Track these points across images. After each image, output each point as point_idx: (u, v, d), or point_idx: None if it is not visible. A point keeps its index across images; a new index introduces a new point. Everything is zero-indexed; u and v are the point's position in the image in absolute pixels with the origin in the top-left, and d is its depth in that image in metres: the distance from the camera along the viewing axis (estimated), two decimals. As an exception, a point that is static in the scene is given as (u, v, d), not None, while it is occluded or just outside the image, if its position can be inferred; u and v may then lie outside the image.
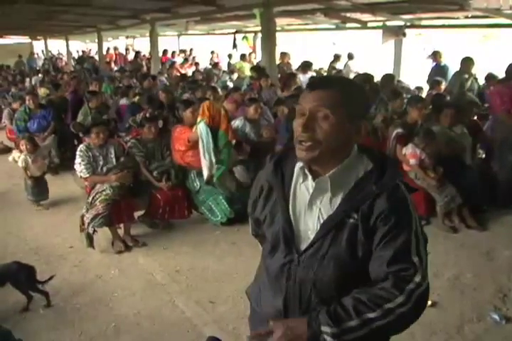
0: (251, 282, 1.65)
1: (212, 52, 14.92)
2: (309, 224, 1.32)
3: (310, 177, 1.32)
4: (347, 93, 1.25)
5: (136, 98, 6.72)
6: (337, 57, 10.55)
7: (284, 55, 10.61)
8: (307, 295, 1.32)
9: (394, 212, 1.24)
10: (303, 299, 1.32)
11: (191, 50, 16.09)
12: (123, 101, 7.10)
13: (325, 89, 1.24)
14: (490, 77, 6.84)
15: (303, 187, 1.34)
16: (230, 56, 12.99)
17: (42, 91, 7.65)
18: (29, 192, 5.03)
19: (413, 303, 1.20)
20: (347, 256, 1.27)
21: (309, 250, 1.30)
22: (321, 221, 1.29)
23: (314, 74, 9.33)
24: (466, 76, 6.74)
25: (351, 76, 8.03)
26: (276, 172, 1.38)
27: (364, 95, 1.37)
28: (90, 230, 3.90)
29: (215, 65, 12.37)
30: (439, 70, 8.02)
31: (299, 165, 1.36)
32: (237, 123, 5.12)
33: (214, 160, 4.25)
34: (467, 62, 6.71)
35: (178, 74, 10.60)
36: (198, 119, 4.30)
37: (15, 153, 5.22)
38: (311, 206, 1.32)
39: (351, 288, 1.26)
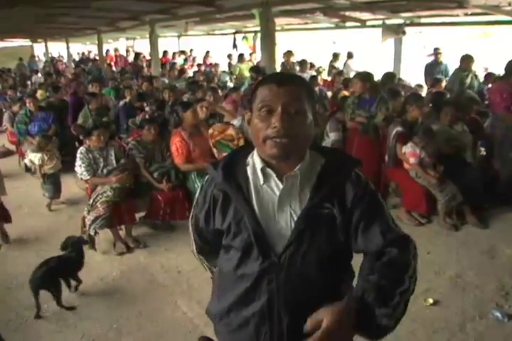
0: None
1: (207, 52, 14.89)
2: (282, 223, 1.29)
3: (274, 175, 1.31)
4: (308, 88, 1.32)
5: (128, 98, 6.70)
6: (336, 56, 10.51)
7: (289, 53, 10.51)
8: (294, 290, 1.30)
9: (365, 193, 1.31)
10: (289, 295, 1.30)
11: (191, 50, 16.07)
12: (122, 103, 7.08)
13: (293, 85, 1.27)
14: (487, 75, 6.84)
15: (265, 188, 1.32)
16: (229, 56, 12.98)
17: (39, 94, 7.62)
18: (45, 189, 5.13)
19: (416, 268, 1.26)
20: (329, 244, 1.30)
21: (289, 249, 1.28)
22: (295, 218, 1.28)
23: (314, 72, 9.32)
24: (466, 73, 6.74)
25: (351, 75, 8.00)
26: (228, 180, 1.33)
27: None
28: (92, 232, 3.91)
29: (215, 66, 12.34)
30: (433, 67, 8.03)
31: (252, 167, 1.35)
32: (235, 122, 5.12)
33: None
34: (467, 60, 6.71)
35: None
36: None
37: (31, 155, 5.24)
38: (281, 205, 1.30)
39: (337, 270, 1.34)
